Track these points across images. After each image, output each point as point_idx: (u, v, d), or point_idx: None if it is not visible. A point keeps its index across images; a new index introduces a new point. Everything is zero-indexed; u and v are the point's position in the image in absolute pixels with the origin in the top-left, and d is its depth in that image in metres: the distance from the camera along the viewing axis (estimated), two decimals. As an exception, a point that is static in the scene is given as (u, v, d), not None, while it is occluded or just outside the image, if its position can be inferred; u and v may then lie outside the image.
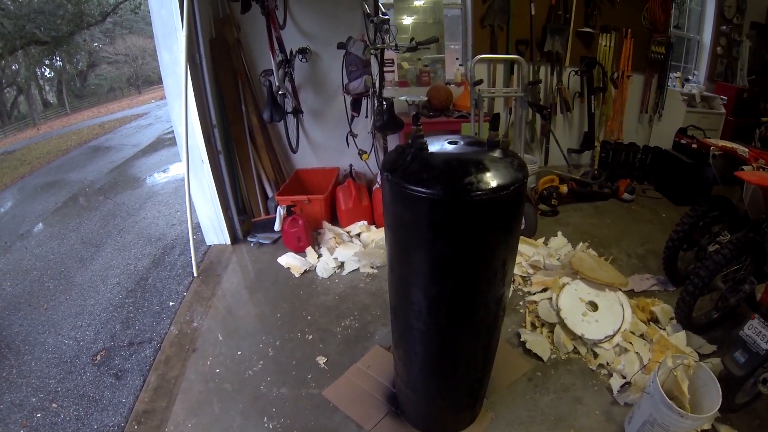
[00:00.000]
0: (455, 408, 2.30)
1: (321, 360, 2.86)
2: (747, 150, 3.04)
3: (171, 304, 3.59)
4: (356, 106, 4.07)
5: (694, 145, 5.10)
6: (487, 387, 2.48)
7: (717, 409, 2.07)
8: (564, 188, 4.90)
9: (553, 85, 5.55)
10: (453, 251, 1.59)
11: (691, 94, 6.02)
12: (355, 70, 3.63)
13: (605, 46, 5.53)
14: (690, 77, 6.68)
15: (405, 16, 5.44)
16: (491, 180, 1.48)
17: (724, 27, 6.53)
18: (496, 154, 1.61)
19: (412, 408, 2.38)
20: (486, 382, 2.32)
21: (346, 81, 3.89)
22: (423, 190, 1.47)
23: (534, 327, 3.13)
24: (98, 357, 3.08)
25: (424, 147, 1.59)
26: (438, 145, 1.66)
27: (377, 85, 3.90)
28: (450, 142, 1.69)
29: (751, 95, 6.24)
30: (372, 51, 3.62)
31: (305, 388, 2.66)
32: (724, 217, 3.36)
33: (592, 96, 5.49)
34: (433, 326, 1.84)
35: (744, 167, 2.92)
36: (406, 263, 1.74)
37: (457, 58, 5.31)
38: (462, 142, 1.69)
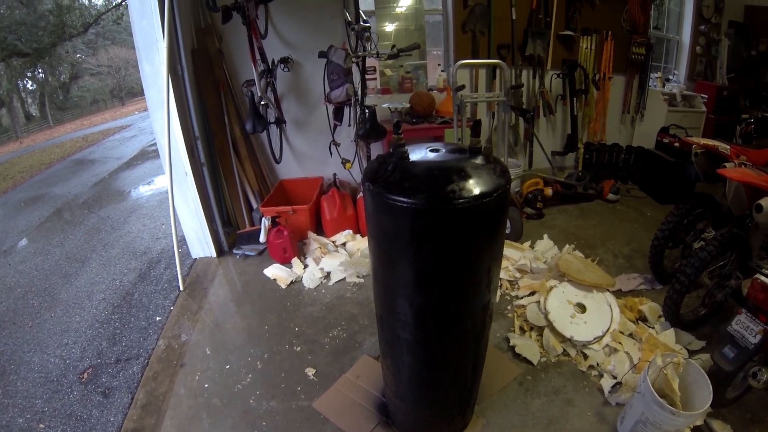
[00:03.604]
0: (445, 416, 2.29)
1: (310, 371, 2.83)
2: (728, 147, 3.09)
3: (158, 319, 3.55)
4: (338, 114, 4.06)
5: (677, 144, 5.16)
6: (478, 393, 2.47)
7: (708, 405, 2.09)
8: (549, 191, 4.91)
9: (536, 88, 5.58)
10: (437, 260, 1.58)
11: (672, 94, 6.09)
12: (337, 78, 3.62)
13: (586, 48, 5.59)
14: (670, 77, 6.76)
15: (387, 23, 5.46)
16: (474, 187, 1.47)
17: (703, 27, 6.64)
18: (478, 160, 1.60)
19: (402, 417, 2.36)
20: (476, 388, 2.31)
21: (327, 90, 3.88)
22: (405, 199, 1.45)
23: (523, 331, 3.13)
24: (85, 375, 3.03)
25: (405, 156, 1.58)
26: (419, 154, 1.65)
27: (359, 93, 3.89)
28: (432, 150, 1.68)
29: (731, 93, 6.34)
30: (353, 59, 3.61)
31: (295, 400, 2.64)
32: (708, 214, 3.40)
33: (575, 98, 5.56)
34: (420, 336, 1.83)
35: (726, 164, 2.96)
36: (390, 273, 1.73)
37: (439, 64, 5.33)
38: (444, 150, 1.68)
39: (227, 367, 2.93)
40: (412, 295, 1.71)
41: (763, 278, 2.16)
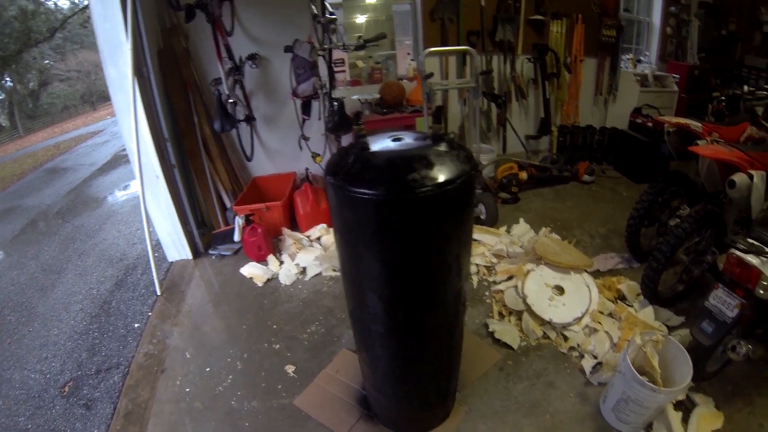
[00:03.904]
0: (426, 406, 2.28)
1: (290, 369, 2.82)
2: (700, 125, 3.10)
3: (136, 325, 3.49)
4: (306, 109, 4.02)
5: (650, 124, 5.20)
6: (458, 381, 2.47)
7: (689, 380, 2.11)
8: (523, 175, 4.92)
9: (507, 73, 5.57)
10: (402, 251, 1.56)
11: (644, 74, 6.13)
12: (303, 72, 3.58)
13: (557, 32, 5.59)
14: (642, 58, 6.80)
15: (358, 15, 5.42)
16: (436, 175, 1.45)
17: (673, 8, 6.67)
18: (442, 147, 1.58)
19: (383, 410, 2.36)
20: (455, 377, 2.31)
21: (294, 84, 3.83)
22: (366, 191, 1.43)
23: (502, 316, 3.13)
24: (66, 388, 2.98)
25: (366, 146, 1.55)
26: (382, 144, 1.62)
27: (327, 86, 3.85)
28: (394, 139, 1.65)
29: (702, 72, 6.41)
30: (319, 52, 3.56)
31: (276, 398, 2.62)
32: (682, 191, 3.41)
33: (546, 82, 5.58)
34: (392, 328, 1.81)
35: (698, 142, 2.98)
36: (358, 266, 1.71)
37: (408, 53, 5.29)
38: (407, 138, 1.66)
39: (207, 369, 2.90)
40: (380, 287, 1.70)
41: (738, 253, 2.18)
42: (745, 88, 3.42)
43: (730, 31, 7.08)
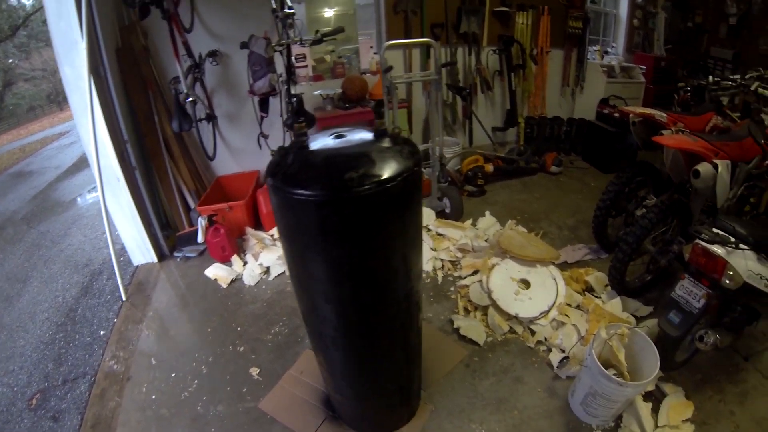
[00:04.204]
0: (388, 407, 2.26)
1: (254, 371, 2.79)
2: (665, 115, 3.11)
3: (102, 333, 3.42)
4: (264, 106, 3.96)
5: (617, 114, 5.24)
6: (422, 380, 2.46)
7: (655, 373, 2.11)
8: (489, 167, 4.92)
9: (472, 65, 5.55)
10: (345, 252, 1.53)
11: (611, 66, 6.20)
12: (259, 69, 3.51)
13: (522, 23, 5.57)
14: (609, 49, 6.86)
15: (326, 8, 5.35)
16: (376, 172, 1.42)
17: (640, 0, 6.71)
18: (385, 143, 1.55)
19: (346, 411, 2.34)
20: (415, 376, 2.29)
21: (251, 81, 3.76)
22: (303, 192, 1.39)
23: (467, 311, 3.11)
24: (34, 401, 2.90)
25: (304, 145, 1.51)
26: (322, 142, 1.58)
27: (285, 81, 3.79)
28: (336, 136, 1.61)
29: (669, 63, 6.50)
30: (275, 48, 3.50)
31: (241, 402, 2.59)
32: (649, 181, 3.43)
33: (512, 73, 5.57)
34: (344, 331, 1.78)
35: (663, 132, 2.99)
36: (303, 269, 1.67)
37: (371, 47, 5.24)
38: (349, 135, 1.62)
39: (173, 375, 2.86)
40: (326, 290, 1.66)
41: (703, 243, 2.18)
42: (710, 78, 3.41)
43: (696, 23, 7.15)
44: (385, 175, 1.41)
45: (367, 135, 1.62)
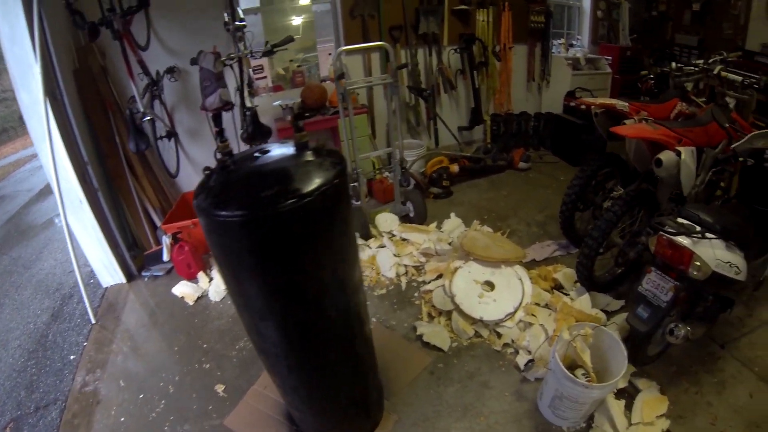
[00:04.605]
0: (347, 420, 2.25)
1: (219, 388, 2.77)
2: (626, 105, 3.09)
3: (72, 357, 3.37)
4: (218, 121, 3.91)
5: (583, 106, 5.24)
6: (385, 389, 2.46)
7: (622, 373, 2.07)
8: (455, 167, 4.91)
9: (434, 66, 5.54)
10: (271, 270, 1.51)
11: (576, 58, 6.21)
12: (209, 84, 3.48)
13: (483, 21, 5.57)
14: (574, 42, 6.87)
15: (293, 17, 5.33)
16: (293, 188, 1.40)
17: (602, -9, 6.75)
18: (308, 157, 1.53)
19: (307, 426, 2.33)
20: (371, 388, 2.27)
21: (202, 98, 3.74)
22: (223, 213, 1.37)
23: (431, 317, 3.09)
24: (7, 430, 2.86)
25: (225, 165, 1.49)
26: (246, 159, 1.57)
27: (237, 95, 3.77)
28: (260, 152, 1.60)
29: (634, 53, 6.50)
30: (225, 62, 3.48)
31: (207, 420, 2.57)
32: (616, 172, 3.41)
33: (475, 72, 5.57)
34: (285, 348, 1.76)
35: (626, 121, 2.96)
36: (237, 288, 1.66)
37: (330, 54, 5.22)
38: (274, 151, 1.61)
39: (141, 396, 2.83)
40: (261, 308, 1.65)
41: (667, 234, 2.13)
42: (673, 65, 3.38)
43: (660, 11, 7.20)
44: (303, 190, 1.39)
45: (289, 150, 1.60)
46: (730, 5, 6.24)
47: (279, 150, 1.62)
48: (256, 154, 1.59)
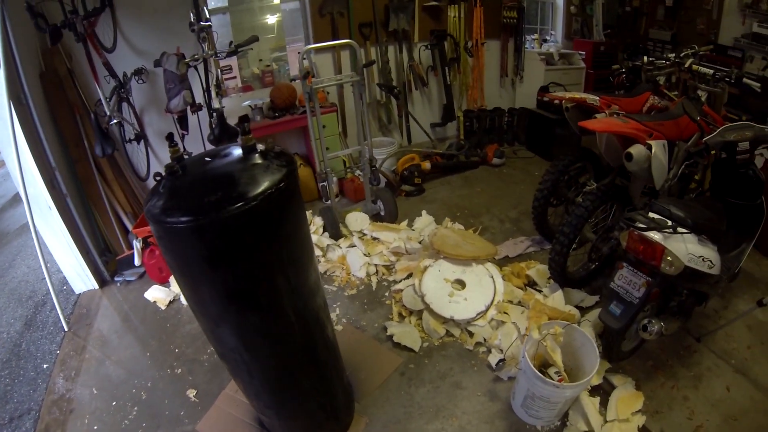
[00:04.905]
0: (314, 423, 2.24)
1: (191, 393, 2.76)
2: (597, 99, 3.06)
3: (45, 366, 3.33)
4: (183, 123, 3.89)
5: (556, 102, 5.27)
6: (355, 392, 2.46)
7: (594, 372, 2.06)
8: (426, 164, 4.91)
9: (405, 63, 5.54)
10: (221, 276, 1.50)
11: (549, 53, 6.24)
12: (173, 86, 3.45)
13: (454, 17, 5.57)
14: (548, 37, 6.91)
15: (268, 15, 5.28)
16: (236, 193, 1.39)
17: (576, -13, 6.78)
18: (255, 160, 1.52)
19: (275, 429, 2.31)
20: (338, 391, 2.26)
21: (167, 100, 3.70)
22: (169, 219, 1.36)
23: (402, 317, 3.07)
24: None
25: (173, 170, 1.48)
26: (195, 164, 1.56)
27: (200, 97, 3.74)
28: (209, 157, 1.59)
29: (608, 48, 6.56)
30: (189, 63, 3.44)
31: (179, 426, 2.57)
32: (589, 167, 3.41)
33: (447, 68, 5.57)
34: (243, 352, 1.74)
35: (596, 115, 2.93)
36: (191, 293, 1.64)
37: (299, 53, 5.19)
38: (222, 155, 1.60)
39: (114, 403, 2.82)
40: (215, 313, 1.63)
41: (639, 230, 2.11)
42: (645, 58, 3.40)
43: (633, 6, 7.27)
44: (247, 195, 1.38)
45: (237, 153, 1.59)
46: (703, 1, 6.30)
47: (228, 154, 1.60)
48: (207, 159, 1.58)
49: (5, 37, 3.17)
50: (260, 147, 1.56)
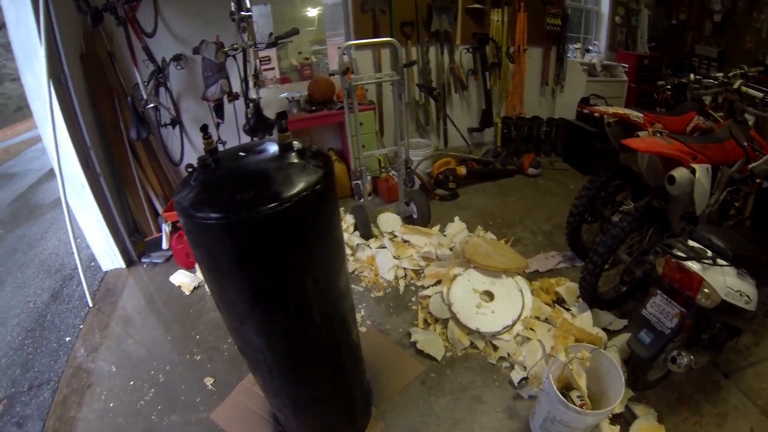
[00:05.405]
0: (331, 426, 2.22)
1: (209, 381, 2.76)
2: (641, 115, 2.95)
3: (68, 339, 3.39)
4: (219, 112, 3.89)
5: (597, 114, 5.15)
6: (374, 395, 2.43)
7: (618, 401, 2.00)
8: (462, 170, 4.84)
9: (446, 65, 5.47)
10: (249, 276, 1.47)
11: (591, 64, 6.13)
12: (211, 75, 3.45)
13: (497, 21, 5.48)
14: (590, 47, 6.78)
15: (309, 8, 5.29)
16: (271, 192, 1.35)
17: (622, -3, 6.64)
18: (291, 159, 1.49)
19: (291, 428, 2.30)
20: (358, 396, 2.23)
21: (204, 88, 3.71)
22: (198, 214, 1.33)
23: (427, 324, 3.02)
24: (0, 406, 2.89)
25: (206, 163, 1.46)
26: (229, 158, 1.53)
27: (237, 87, 3.75)
28: (243, 151, 1.56)
29: (652, 61, 6.41)
30: (228, 52, 3.44)
31: (194, 412, 2.57)
32: (627, 185, 3.29)
33: (487, 73, 5.48)
34: (266, 352, 1.72)
35: (639, 133, 2.84)
36: (218, 289, 1.62)
37: (339, 48, 5.18)
38: (257, 150, 1.57)
39: (131, 383, 2.84)
40: (241, 311, 1.61)
41: (677, 258, 2.02)
42: (692, 76, 3.26)
43: (680, 20, 7.09)
44: (282, 195, 1.34)
45: (272, 150, 1.56)
46: (752, 18, 6.11)
47: (263, 150, 1.57)
48: (241, 153, 1.55)
49: (47, 18, 3.21)
50: (297, 145, 1.52)
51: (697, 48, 6.97)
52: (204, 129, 1.53)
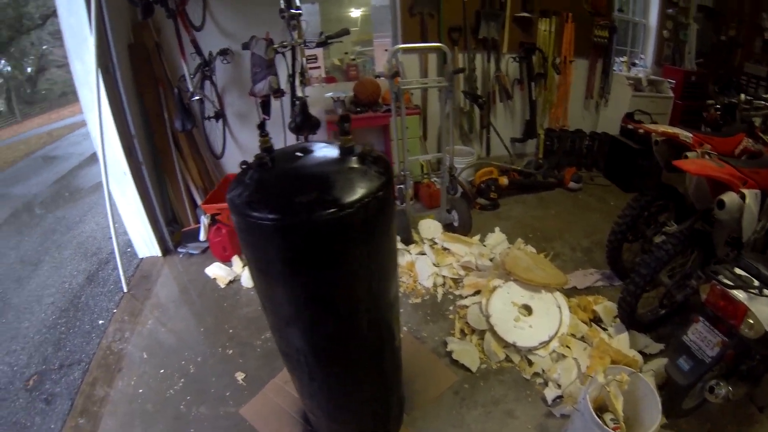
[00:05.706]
0: (364, 431, 2.20)
1: (240, 376, 2.77)
2: (690, 135, 2.85)
3: (101, 322, 3.45)
4: (266, 108, 3.91)
5: (641, 130, 5.02)
6: (405, 402, 2.39)
7: (654, 428, 1.94)
8: (504, 180, 4.78)
9: (492, 72, 5.41)
10: (301, 280, 1.45)
11: (638, 78, 6.00)
12: (260, 71, 3.47)
13: (545, 30, 5.41)
14: (637, 61, 6.64)
15: (352, 9, 5.31)
16: (332, 197, 1.33)
17: (671, 10, 6.49)
18: (352, 163, 1.46)
19: (321, 429, 2.28)
20: (393, 402, 2.21)
21: (252, 83, 3.73)
22: (254, 214, 1.31)
23: (464, 334, 2.98)
24: (31, 382, 2.96)
25: (263, 162, 1.44)
26: (286, 158, 1.52)
27: (288, 84, 3.76)
28: (301, 152, 1.53)
29: (700, 78, 6.23)
30: (277, 49, 3.45)
31: (223, 406, 2.57)
32: (671, 205, 3.20)
33: (533, 83, 5.41)
34: (308, 355, 1.70)
35: (687, 154, 2.74)
36: (266, 289, 1.60)
37: (386, 50, 5.15)
38: (316, 151, 1.55)
39: (161, 371, 2.87)
40: (288, 313, 1.60)
41: (722, 285, 1.96)
42: (742, 96, 3.15)
43: (729, 36, 6.89)
44: (342, 200, 1.31)
45: (332, 152, 1.53)
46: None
47: (322, 151, 1.55)
48: (298, 153, 1.53)
49: (98, 8, 3.28)
50: (358, 149, 1.50)
51: (746, 66, 6.78)
52: (261, 126, 1.52)
